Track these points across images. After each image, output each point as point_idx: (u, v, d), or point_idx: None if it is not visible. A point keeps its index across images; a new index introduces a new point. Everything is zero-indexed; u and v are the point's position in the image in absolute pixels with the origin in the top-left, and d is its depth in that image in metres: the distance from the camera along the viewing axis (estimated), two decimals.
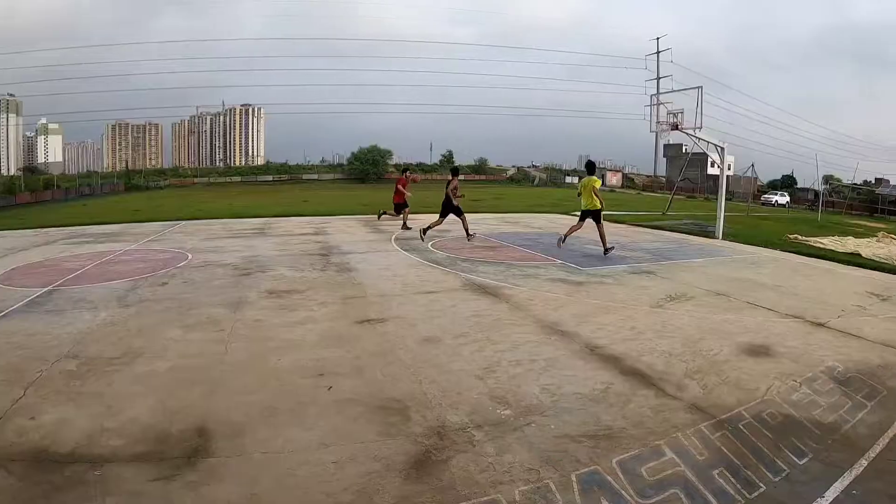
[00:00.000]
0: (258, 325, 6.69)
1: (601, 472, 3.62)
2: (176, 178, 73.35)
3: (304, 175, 77.62)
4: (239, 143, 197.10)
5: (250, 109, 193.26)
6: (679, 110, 19.11)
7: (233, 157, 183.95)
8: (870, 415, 4.87)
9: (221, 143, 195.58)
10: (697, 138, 19.19)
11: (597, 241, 13.96)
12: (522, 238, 16.32)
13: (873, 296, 10.56)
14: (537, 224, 21.44)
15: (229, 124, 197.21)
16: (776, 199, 65.27)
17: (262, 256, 11.59)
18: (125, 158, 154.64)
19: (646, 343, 6.48)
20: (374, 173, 74.13)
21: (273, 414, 4.31)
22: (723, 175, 20.60)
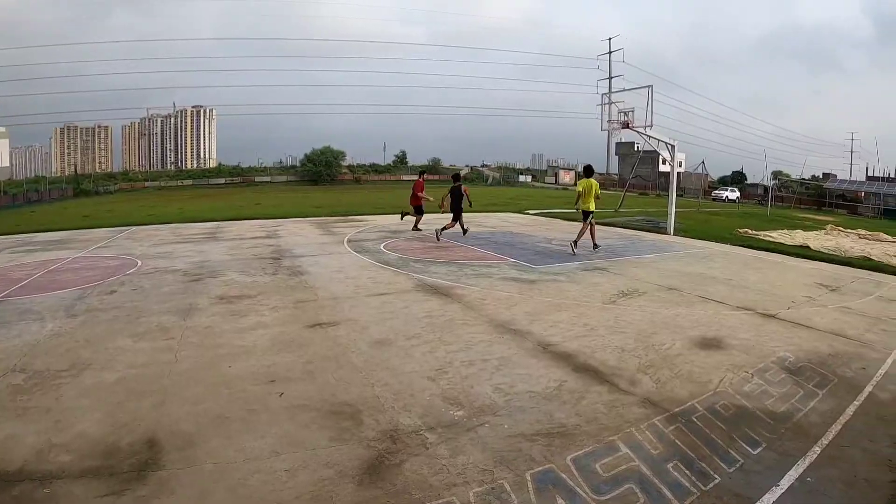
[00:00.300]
0: (208, 331, 6.55)
1: (556, 471, 3.61)
2: (126, 182, 71.42)
3: (257, 177, 76.38)
4: (191, 145, 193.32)
5: (202, 111, 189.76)
6: (630, 109, 19.37)
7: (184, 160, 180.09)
8: (821, 403, 4.98)
9: (173, 146, 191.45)
10: (648, 136, 19.48)
11: (549, 238, 14.13)
12: (475, 237, 16.32)
13: (822, 287, 10.85)
14: (490, 223, 21.48)
15: (180, 126, 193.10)
16: (726, 194, 66.82)
17: (212, 261, 11.36)
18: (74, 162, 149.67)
19: (598, 339, 6.52)
20: (328, 175, 73.24)
21: (224, 423, 4.22)
22: (673, 172, 20.96)
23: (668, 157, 20.46)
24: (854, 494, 3.55)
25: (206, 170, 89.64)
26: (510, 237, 16.69)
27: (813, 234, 23.44)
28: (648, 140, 19.92)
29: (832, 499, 3.49)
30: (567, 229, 19.60)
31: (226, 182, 73.52)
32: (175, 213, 25.57)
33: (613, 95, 21.22)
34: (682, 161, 61.82)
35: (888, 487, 3.64)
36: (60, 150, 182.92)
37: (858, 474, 3.79)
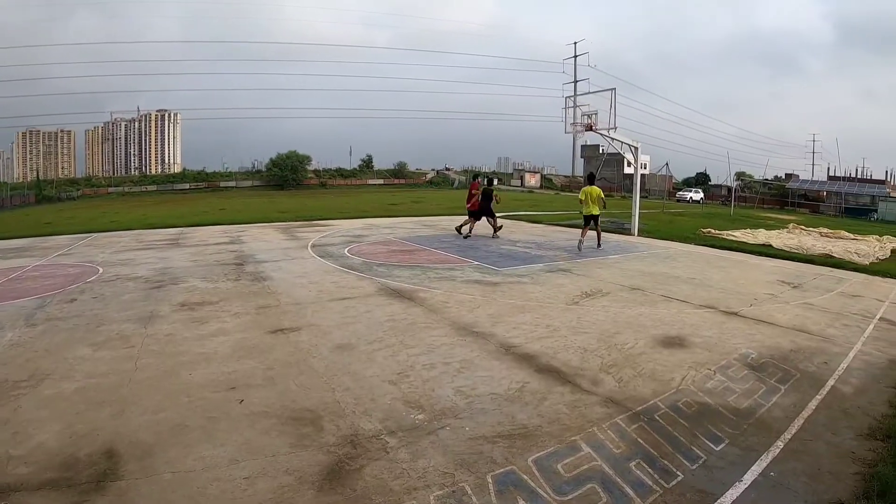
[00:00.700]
0: (169, 339, 6.41)
1: (517, 472, 3.59)
2: (89, 188, 69.38)
3: (222, 182, 74.84)
4: (155, 150, 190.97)
5: (166, 115, 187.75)
6: (593, 112, 19.54)
7: (148, 165, 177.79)
8: (784, 398, 5.05)
9: (137, 151, 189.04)
10: (611, 139, 19.67)
11: (513, 241, 14.22)
12: (439, 241, 16.30)
13: (784, 284, 11.04)
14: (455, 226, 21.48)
15: (145, 131, 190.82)
16: (690, 195, 67.90)
17: (174, 268, 11.14)
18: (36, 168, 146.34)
19: (561, 340, 6.53)
20: (293, 179, 72.28)
21: (183, 431, 4.13)
22: (637, 174, 21.17)
23: (632, 160, 20.68)
24: (818, 487, 3.58)
25: (171, 175, 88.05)
26: (474, 240, 16.66)
27: (775, 232, 23.86)
28: (612, 142, 20.12)
29: (796, 492, 3.52)
30: (532, 231, 19.76)
31: (190, 187, 72.16)
32: (138, 219, 25.10)
33: (578, 98, 21.42)
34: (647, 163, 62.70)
35: (852, 479, 3.69)
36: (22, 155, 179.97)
37: (822, 467, 3.84)
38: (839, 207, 64.12)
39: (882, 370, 6.02)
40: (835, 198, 67.05)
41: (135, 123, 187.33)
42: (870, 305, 9.41)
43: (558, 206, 39.05)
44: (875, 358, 6.44)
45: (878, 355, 6.55)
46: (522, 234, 18.61)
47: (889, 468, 3.72)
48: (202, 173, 79.95)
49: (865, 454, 4.04)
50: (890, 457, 3.93)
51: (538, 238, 17.82)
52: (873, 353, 6.60)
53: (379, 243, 15.08)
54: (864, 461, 3.93)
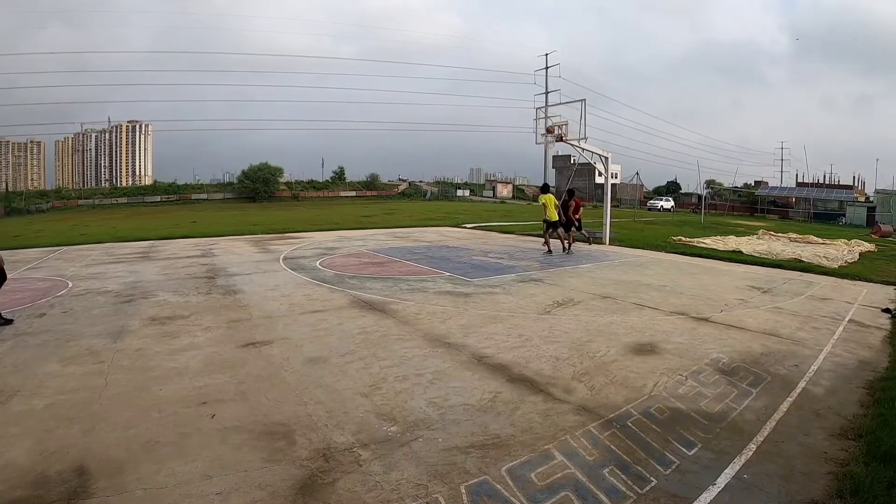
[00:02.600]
0: (139, 354, 6.33)
1: (491, 482, 3.59)
2: (59, 200, 68.12)
3: (193, 195, 73.93)
4: (126, 161, 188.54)
5: (137, 126, 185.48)
6: (564, 122, 19.73)
7: (119, 177, 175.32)
8: (755, 401, 5.13)
9: (107, 162, 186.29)
10: (582, 149, 19.87)
11: (485, 251, 14.41)
12: (411, 252, 16.33)
13: (755, 289, 11.21)
14: (427, 238, 21.56)
15: (115, 142, 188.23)
16: (661, 203, 68.75)
17: (145, 282, 11.02)
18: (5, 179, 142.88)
19: (533, 350, 6.56)
20: (265, 192, 71.61)
21: (154, 447, 4.08)
22: (607, 183, 21.40)
23: (603, 169, 20.88)
24: (792, 488, 3.63)
25: (142, 187, 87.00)
26: (446, 251, 16.74)
27: (745, 238, 24.20)
28: (582, 153, 20.33)
29: (769, 493, 3.56)
30: (503, 242, 19.85)
31: (161, 200, 71.31)
32: (108, 232, 24.79)
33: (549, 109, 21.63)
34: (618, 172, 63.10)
35: (825, 479, 3.75)
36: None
37: (795, 468, 3.90)
38: (808, 213, 65.31)
39: (852, 371, 6.14)
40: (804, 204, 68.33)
41: (105, 134, 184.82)
42: (839, 308, 9.60)
43: (530, 216, 39.24)
44: (845, 359, 6.57)
45: (847, 357, 6.68)
46: (494, 244, 18.70)
47: (861, 467, 3.79)
48: (173, 185, 79.26)
49: (837, 454, 4.12)
50: (862, 456, 4.01)
51: (510, 248, 17.92)
52: (843, 355, 6.73)
53: (351, 255, 15.07)
54: (837, 461, 4.00)
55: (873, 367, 6.27)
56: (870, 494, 3.43)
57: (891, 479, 3.61)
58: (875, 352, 6.98)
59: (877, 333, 7.93)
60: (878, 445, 4.11)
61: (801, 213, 66.71)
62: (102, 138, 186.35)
